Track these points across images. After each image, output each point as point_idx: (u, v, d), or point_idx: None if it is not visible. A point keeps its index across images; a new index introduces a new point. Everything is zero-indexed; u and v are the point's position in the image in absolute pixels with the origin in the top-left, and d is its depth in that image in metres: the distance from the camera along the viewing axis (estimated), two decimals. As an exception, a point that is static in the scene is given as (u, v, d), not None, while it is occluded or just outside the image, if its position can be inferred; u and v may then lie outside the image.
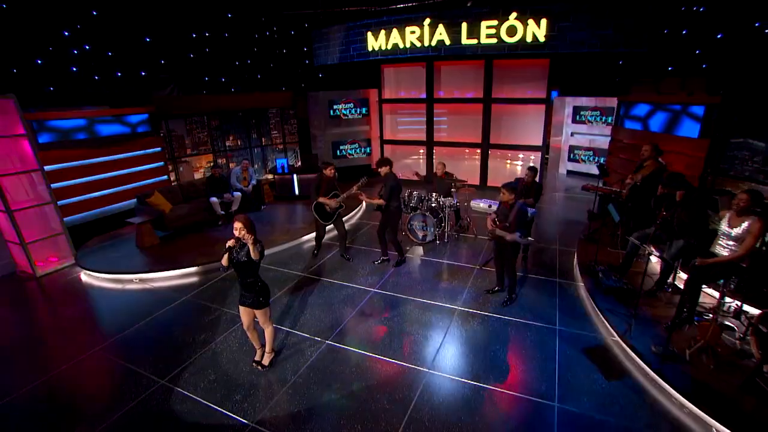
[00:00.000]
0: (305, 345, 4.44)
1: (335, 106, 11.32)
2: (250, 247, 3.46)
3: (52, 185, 6.78)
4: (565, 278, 5.72)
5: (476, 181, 10.39)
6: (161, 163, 9.27)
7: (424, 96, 10.56)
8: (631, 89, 9.59)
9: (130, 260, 6.66)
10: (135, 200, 7.82)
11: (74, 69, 8.60)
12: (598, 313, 4.67)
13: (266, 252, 6.63)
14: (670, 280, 4.86)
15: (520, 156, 10.10)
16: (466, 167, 10.66)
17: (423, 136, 10.91)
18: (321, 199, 6.32)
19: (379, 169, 5.75)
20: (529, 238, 4.80)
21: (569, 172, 12.04)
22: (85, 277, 6.46)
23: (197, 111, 9.99)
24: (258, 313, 3.80)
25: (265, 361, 4.07)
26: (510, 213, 4.72)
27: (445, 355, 4.22)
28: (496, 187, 10.06)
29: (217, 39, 10.37)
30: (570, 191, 10.34)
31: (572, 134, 11.78)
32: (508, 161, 10.32)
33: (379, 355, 4.24)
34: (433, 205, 7.07)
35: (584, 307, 4.98)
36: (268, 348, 4.06)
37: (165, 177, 9.38)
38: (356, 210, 9.02)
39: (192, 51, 10.00)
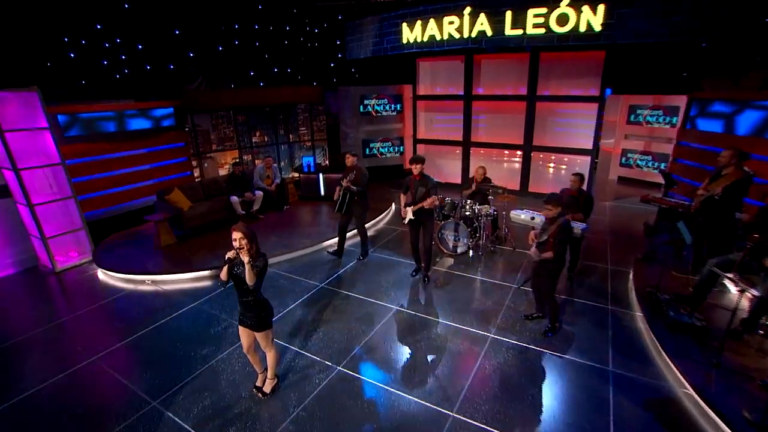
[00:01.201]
0: (314, 370, 4.01)
1: (366, 102, 10.94)
2: (246, 268, 3.05)
3: (73, 179, 6.76)
4: (619, 305, 4.99)
5: (516, 186, 9.65)
6: (185, 159, 9.20)
7: (461, 93, 9.94)
8: (702, 85, 8.53)
9: (145, 259, 6.54)
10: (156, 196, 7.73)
11: (105, 62, 8.64)
12: (663, 354, 3.93)
13: (283, 258, 6.54)
14: (762, 320, 4.03)
15: (565, 159, 9.27)
16: (504, 171, 9.96)
17: (459, 136, 10.30)
18: (339, 187, 6.17)
19: (414, 166, 5.18)
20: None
21: (621, 179, 11.03)
22: (101, 275, 6.40)
23: (224, 105, 9.84)
24: (258, 335, 3.40)
25: (267, 388, 3.67)
26: (549, 228, 4.08)
27: (474, 395, 3.66)
28: (539, 193, 9.35)
29: (246, 31, 10.21)
30: (621, 200, 9.40)
31: (626, 136, 10.77)
32: (551, 165, 9.51)
33: (396, 389, 3.74)
34: (468, 212, 6.50)
35: (644, 345, 4.25)
36: (269, 374, 3.65)
37: (189, 173, 9.32)
38: (384, 213, 8.57)
39: (221, 43, 9.86)
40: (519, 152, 9.69)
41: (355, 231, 6.53)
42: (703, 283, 4.40)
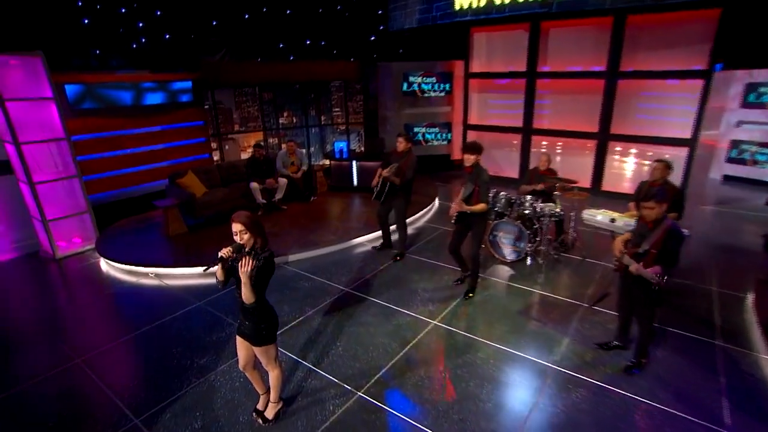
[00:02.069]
0: (328, 394, 3.64)
1: (412, 79, 10.56)
2: (244, 269, 2.71)
3: (78, 158, 6.79)
4: (734, 341, 4.24)
5: (586, 183, 8.86)
6: (203, 139, 9.18)
7: (523, 69, 9.31)
8: None
9: (150, 250, 6.50)
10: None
11: (121, 30, 8.71)
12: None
13: (305, 255, 6.31)
14: None
15: (649, 153, 8.39)
16: (572, 165, 9.20)
17: (518, 122, 9.70)
18: (379, 170, 5.91)
19: (467, 157, 4.67)
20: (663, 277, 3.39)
21: (727, 178, 9.93)
22: (104, 264, 6.40)
23: (248, 80, 9.74)
24: (258, 351, 3.05)
25: (269, 413, 3.33)
26: (652, 235, 3.45)
27: (531, 444, 3.13)
28: (614, 193, 8.54)
29: (277, -3, 10.04)
30: (728, 204, 8.40)
31: (739, 124, 9.60)
32: (632, 158, 8.65)
33: (429, 428, 3.28)
34: (527, 211, 5.92)
35: (773, 400, 3.53)
36: (272, 396, 3.31)
37: (207, 155, 9.31)
38: (426, 209, 8.18)
39: (247, 11, 9.73)
40: (591, 142, 8.91)
41: (394, 226, 6.30)
42: None
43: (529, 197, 5.98)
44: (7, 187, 6.58)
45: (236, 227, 2.77)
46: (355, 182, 9.44)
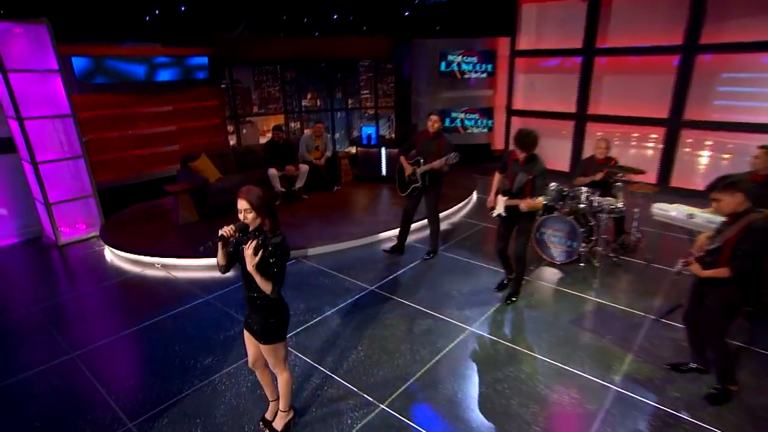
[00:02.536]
0: (347, 405, 3.45)
1: (450, 58, 10.34)
2: (248, 253, 2.56)
3: (85, 137, 6.86)
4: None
5: (652, 178, 8.36)
6: (220, 121, 9.21)
7: (579, 46, 8.92)
8: None
9: (158, 238, 6.52)
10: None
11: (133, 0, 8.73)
12: None
13: (327, 249, 6.24)
14: None
15: (729, 146, 7.84)
16: (633, 157, 8.76)
17: (571, 107, 9.32)
18: (402, 159, 5.72)
19: (520, 150, 4.41)
20: None
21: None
22: (108, 252, 6.47)
23: (269, 57, 9.68)
24: (265, 350, 2.88)
25: (278, 424, 3.16)
26: (728, 230, 3.10)
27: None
28: (686, 190, 8.02)
29: (303, -34, 9.91)
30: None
31: None
32: (708, 150, 8.11)
33: (463, 451, 3.05)
34: (582, 205, 5.58)
35: None
36: (282, 404, 3.13)
37: (223, 139, 9.35)
38: (463, 203, 8.00)
39: (270, -19, 9.65)
40: (658, 130, 8.45)
41: (421, 222, 6.15)
42: None
43: (584, 189, 5.64)
44: (9, 167, 6.69)
45: (241, 204, 2.62)
46: (384, 171, 9.27)
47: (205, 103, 8.88)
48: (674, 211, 4.83)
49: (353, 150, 10.23)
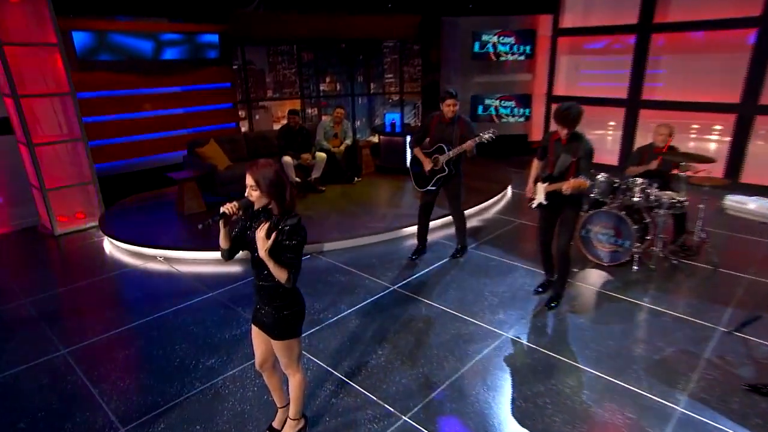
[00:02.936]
0: (365, 415, 3.33)
1: (485, 38, 10.20)
2: (260, 235, 2.44)
3: (85, 119, 6.91)
4: None
5: (718, 173, 8.01)
6: (230, 105, 9.25)
7: (634, 21, 8.71)
8: None
9: (161, 229, 6.58)
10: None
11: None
12: None
13: (345, 245, 6.25)
14: None
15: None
16: (694, 151, 8.40)
17: (622, 92, 9.13)
18: (416, 151, 5.54)
19: (560, 127, 4.24)
20: None
21: None
22: (107, 244, 6.55)
23: (285, 36, 9.70)
24: (276, 347, 2.76)
25: (287, 435, 3.04)
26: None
27: None
28: (763, 186, 7.66)
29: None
30: None
31: None
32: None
33: (499, 472, 2.89)
34: (636, 199, 5.35)
35: None
36: (292, 411, 3.01)
37: (234, 125, 9.39)
38: (497, 197, 7.90)
39: (288, -48, 9.64)
40: (727, 117, 8.15)
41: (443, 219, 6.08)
42: None
43: (639, 181, 5.39)
44: (4, 150, 6.76)
45: (248, 179, 2.51)
46: (409, 162, 9.13)
47: (216, 84, 8.93)
48: (754, 203, 4.52)
49: (375, 139, 10.16)
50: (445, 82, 10.81)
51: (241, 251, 2.79)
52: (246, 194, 2.54)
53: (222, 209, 2.50)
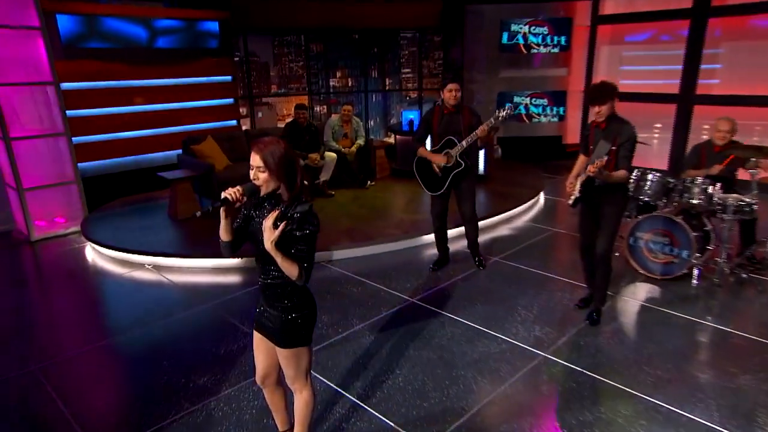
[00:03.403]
0: (380, 444, 3.18)
1: (514, 28, 10.17)
2: (267, 225, 2.31)
3: (69, 112, 6.97)
4: None
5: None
6: (231, 100, 9.34)
7: (689, 5, 8.65)
8: None
9: (151, 235, 6.61)
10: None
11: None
12: None
13: (357, 254, 6.29)
14: None
15: None
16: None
17: (673, 87, 9.07)
18: (422, 151, 5.53)
19: (595, 108, 4.16)
20: None
21: None
22: (90, 251, 6.59)
23: (292, 24, 9.77)
24: (283, 357, 2.63)
25: (289, 463, 2.90)
26: None
27: None
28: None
29: None
30: None
31: None
32: None
33: None
34: (696, 201, 5.21)
35: None
36: (297, 435, 2.88)
37: (234, 122, 9.48)
38: (528, 204, 7.86)
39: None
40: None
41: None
42: None
43: (699, 180, 5.25)
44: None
45: (254, 159, 2.36)
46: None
47: (215, 77, 9.00)
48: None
49: (391, 140, 10.14)
50: (470, 77, 10.76)
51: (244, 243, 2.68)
52: (252, 177, 2.39)
53: (224, 194, 2.36)
